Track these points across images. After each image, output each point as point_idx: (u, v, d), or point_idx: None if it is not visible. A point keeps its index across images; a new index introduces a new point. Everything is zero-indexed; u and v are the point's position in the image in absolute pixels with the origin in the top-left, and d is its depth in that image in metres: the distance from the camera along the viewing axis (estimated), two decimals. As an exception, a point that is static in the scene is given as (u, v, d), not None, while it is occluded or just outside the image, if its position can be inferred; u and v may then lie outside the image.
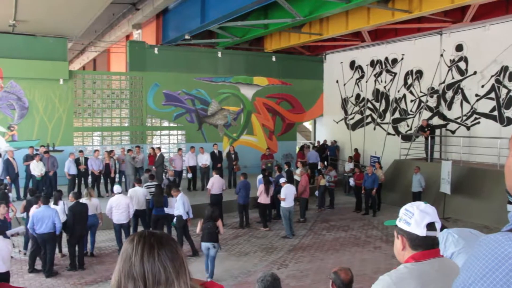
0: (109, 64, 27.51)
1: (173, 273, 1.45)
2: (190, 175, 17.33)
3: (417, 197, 14.15)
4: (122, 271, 1.45)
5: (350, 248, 11.57)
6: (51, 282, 9.17)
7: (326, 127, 23.60)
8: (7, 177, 14.56)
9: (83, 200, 10.54)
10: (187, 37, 18.13)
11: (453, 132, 17.09)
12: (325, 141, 21.83)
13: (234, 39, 19.14)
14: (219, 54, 20.68)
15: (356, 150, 20.91)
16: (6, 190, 11.87)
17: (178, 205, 11.02)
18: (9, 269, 7.60)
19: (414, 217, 2.24)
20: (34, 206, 9.78)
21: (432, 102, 17.92)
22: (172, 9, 19.23)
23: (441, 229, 3.61)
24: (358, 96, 21.41)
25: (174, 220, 11.27)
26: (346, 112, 22.14)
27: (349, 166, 18.50)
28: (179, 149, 17.86)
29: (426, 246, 2.24)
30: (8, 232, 8.79)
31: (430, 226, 2.24)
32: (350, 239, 12.34)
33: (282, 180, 13.12)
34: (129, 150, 16.68)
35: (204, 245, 9.33)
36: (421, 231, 2.22)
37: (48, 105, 17.54)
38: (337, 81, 22.45)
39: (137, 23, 20.34)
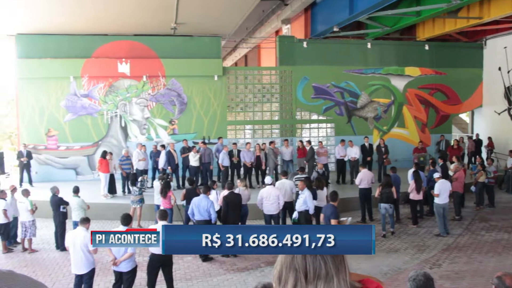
0: (260, 60, 28.39)
1: (333, 268, 1.49)
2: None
3: None
4: (284, 263, 1.52)
5: (515, 251, 10.59)
6: (207, 266, 9.80)
7: (485, 119, 21.78)
8: (169, 167, 15.85)
9: (237, 190, 11.03)
10: (335, 29, 17.95)
11: None
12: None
13: (384, 29, 18.52)
14: (369, 45, 20.19)
15: (489, 138, 19.23)
16: (168, 179, 12.93)
17: (305, 200, 10.72)
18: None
19: None
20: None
21: None
22: (320, 2, 19.18)
23: None
24: (524, 84, 19.43)
25: (295, 215, 10.94)
26: (510, 102, 20.20)
27: (511, 161, 16.85)
28: (319, 142, 17.85)
29: None
30: None
31: None
32: (514, 242, 11.29)
33: (436, 175, 12.41)
34: (270, 143, 17.00)
35: (383, 205, 11.64)
36: None
37: (204, 100, 18.71)
38: (499, 68, 20.55)
39: (286, 18, 20.69)
